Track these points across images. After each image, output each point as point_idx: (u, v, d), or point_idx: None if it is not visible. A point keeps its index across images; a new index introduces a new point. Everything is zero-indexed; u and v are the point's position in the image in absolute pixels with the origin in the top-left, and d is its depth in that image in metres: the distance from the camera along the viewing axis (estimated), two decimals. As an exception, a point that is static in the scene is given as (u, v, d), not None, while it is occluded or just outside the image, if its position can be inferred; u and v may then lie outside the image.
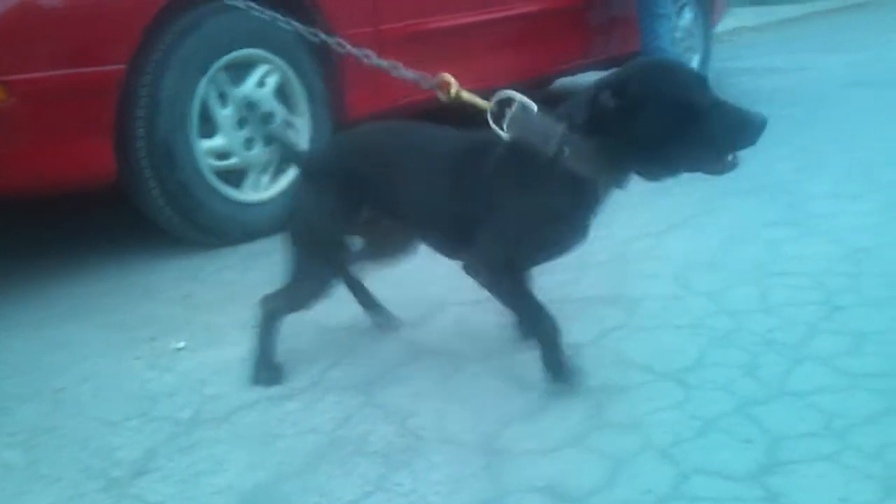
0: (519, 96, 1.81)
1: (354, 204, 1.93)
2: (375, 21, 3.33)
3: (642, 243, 2.76)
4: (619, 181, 1.81)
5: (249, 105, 2.95)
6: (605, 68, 5.02)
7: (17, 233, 3.38)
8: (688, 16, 4.99)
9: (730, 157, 1.73)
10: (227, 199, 2.91)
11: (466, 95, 1.92)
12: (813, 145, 3.96)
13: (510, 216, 1.78)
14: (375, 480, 1.59)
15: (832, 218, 2.91)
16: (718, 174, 1.75)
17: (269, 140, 2.99)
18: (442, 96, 1.94)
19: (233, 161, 2.93)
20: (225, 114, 2.89)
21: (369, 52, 2.17)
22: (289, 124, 3.09)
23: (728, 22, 7.80)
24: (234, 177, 2.98)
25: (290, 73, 3.07)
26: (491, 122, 1.80)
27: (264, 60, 3.00)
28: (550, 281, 2.43)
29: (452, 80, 1.95)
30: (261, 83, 3.00)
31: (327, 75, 3.25)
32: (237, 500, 1.56)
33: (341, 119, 3.33)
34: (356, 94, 3.35)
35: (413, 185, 1.88)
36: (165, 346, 2.23)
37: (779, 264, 2.54)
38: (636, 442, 1.67)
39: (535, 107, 1.78)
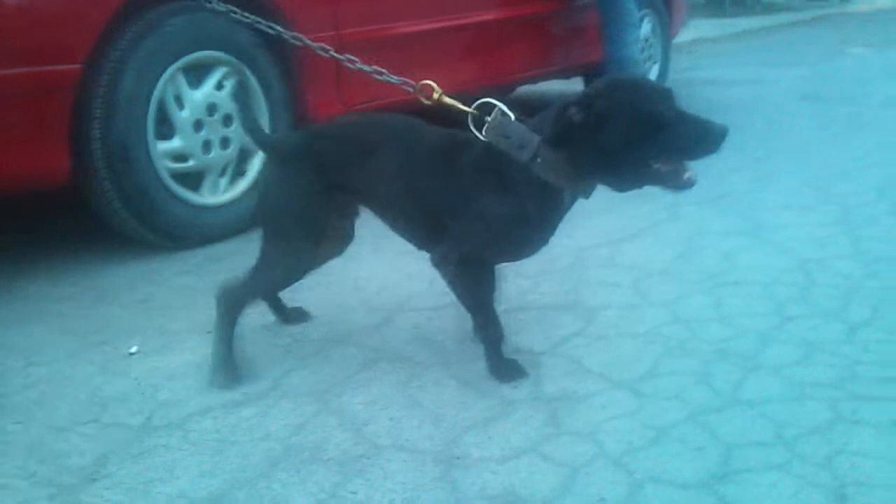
0: (499, 104, 1.90)
1: (328, 188, 1.95)
2: (336, 26, 3.31)
3: (602, 251, 2.78)
4: (585, 191, 1.90)
5: (210, 107, 2.92)
6: (566, 77, 5.08)
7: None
8: (647, 26, 5.04)
9: (688, 175, 1.80)
10: (184, 203, 2.88)
11: (449, 100, 1.98)
12: (767, 157, 4.02)
13: (480, 215, 1.85)
14: (330, 488, 1.58)
15: (784, 229, 2.96)
16: (679, 190, 1.83)
17: (226, 143, 2.97)
18: (425, 101, 2.00)
19: (190, 164, 2.90)
20: (183, 116, 2.86)
21: (327, 46, 2.26)
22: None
23: (687, 33, 7.90)
24: (192, 180, 2.95)
25: (249, 76, 3.05)
26: (471, 125, 1.89)
27: (223, 63, 2.97)
28: (511, 287, 2.45)
29: (435, 85, 2.03)
30: (219, 85, 2.97)
31: (287, 78, 3.23)
32: (189, 508, 1.54)
33: (301, 121, 3.31)
34: (317, 96, 3.33)
35: (389, 174, 1.92)
36: (118, 350, 2.19)
37: (733, 274, 2.57)
38: (591, 450, 1.69)
39: (512, 116, 1.88)
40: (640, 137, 1.75)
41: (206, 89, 2.93)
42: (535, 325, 2.26)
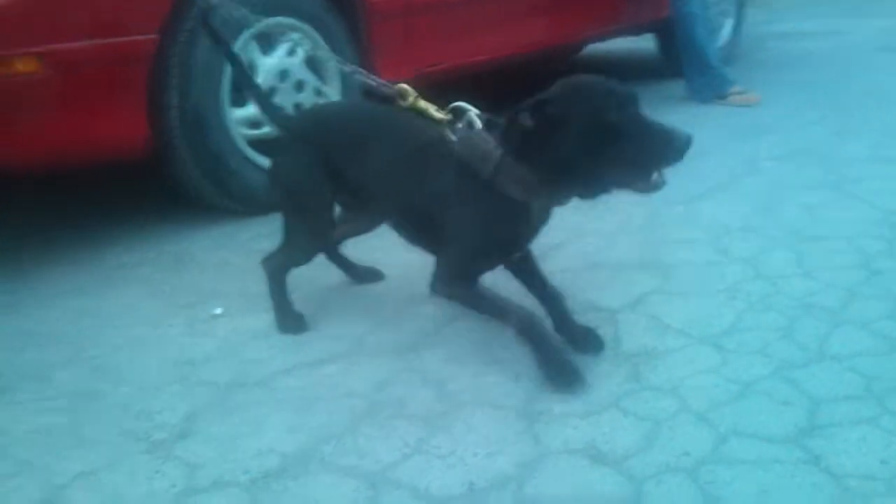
0: (470, 111, 1.83)
1: (328, 165, 2.00)
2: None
3: (678, 209, 2.74)
4: (553, 201, 1.82)
5: (282, 73, 2.95)
6: (636, 34, 4.99)
7: (51, 204, 3.41)
8: (721, -20, 4.90)
9: (655, 177, 1.68)
10: (259, 168, 2.91)
11: (423, 104, 1.92)
12: (847, 109, 3.90)
13: (454, 233, 1.82)
14: (414, 443, 1.60)
15: (868, 181, 2.88)
16: (646, 193, 1.72)
17: (298, 109, 2.99)
18: (401, 103, 1.95)
19: (265, 130, 2.93)
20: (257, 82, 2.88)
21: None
22: (319, 92, 3.08)
23: (762, -15, 7.68)
24: (267, 146, 2.98)
25: (320, 41, 3.06)
26: (448, 132, 1.82)
27: (294, 29, 2.99)
28: (587, 245, 2.44)
29: (409, 88, 1.96)
30: (291, 52, 3.00)
31: (358, 43, 3.24)
32: (278, 461, 1.57)
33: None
34: (385, 61, 3.33)
35: (371, 170, 1.95)
36: (202, 312, 2.25)
37: (815, 229, 2.51)
38: (673, 405, 1.67)
39: (480, 124, 1.80)
40: (594, 146, 1.64)
41: (278, 56, 2.95)
42: (612, 283, 2.24)
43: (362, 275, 2.37)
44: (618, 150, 1.64)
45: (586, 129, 1.64)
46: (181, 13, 2.68)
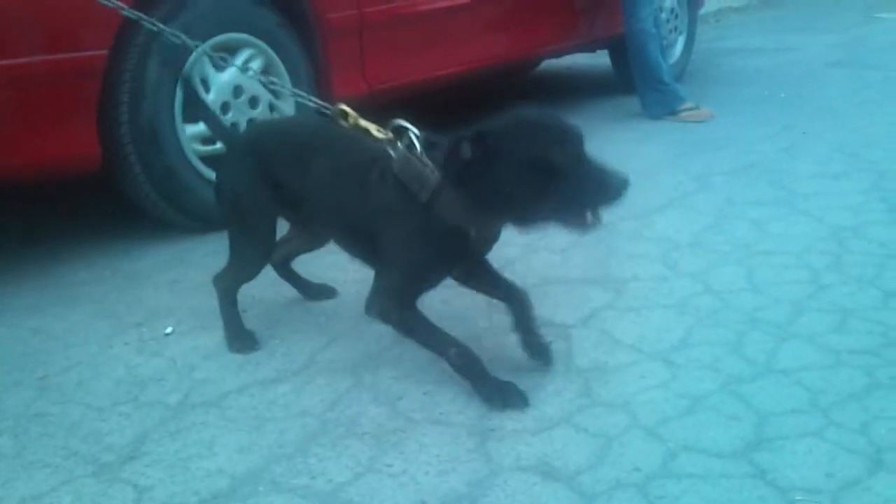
0: (410, 131, 1.82)
1: (273, 185, 2.02)
2: (358, 4, 3.31)
3: (629, 223, 2.77)
4: (489, 228, 1.84)
5: (236, 89, 2.93)
6: (591, 50, 5.04)
7: (3, 221, 3.35)
8: (673, -2, 4.98)
9: (590, 218, 1.69)
10: (213, 184, 2.89)
11: (363, 123, 1.92)
12: (796, 125, 3.97)
13: (390, 254, 1.84)
14: (366, 462, 1.60)
15: (817, 197, 2.93)
16: (580, 232, 1.75)
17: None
18: (343, 123, 1.94)
19: (218, 146, 2.90)
20: (209, 99, 2.87)
21: (183, 36, 2.20)
22: (273, 108, 3.07)
23: (713, 3, 7.81)
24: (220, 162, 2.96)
25: (275, 58, 3.05)
26: (388, 151, 1.81)
27: (248, 44, 2.98)
28: (540, 260, 2.45)
29: (349, 110, 1.95)
30: (244, 67, 2.98)
31: (312, 59, 3.23)
32: (228, 483, 1.56)
33: (327, 102, 3.30)
34: (341, 78, 3.33)
35: (316, 185, 1.96)
36: (153, 331, 2.22)
37: (764, 243, 2.55)
38: (624, 420, 1.69)
39: (419, 146, 1.79)
40: (531, 182, 1.64)
41: (232, 71, 2.94)
42: (564, 299, 2.25)
43: (315, 292, 2.36)
44: (554, 188, 1.64)
45: (524, 165, 1.64)
46: (132, 29, 2.65)
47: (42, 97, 2.51)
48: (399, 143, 1.81)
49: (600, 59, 5.29)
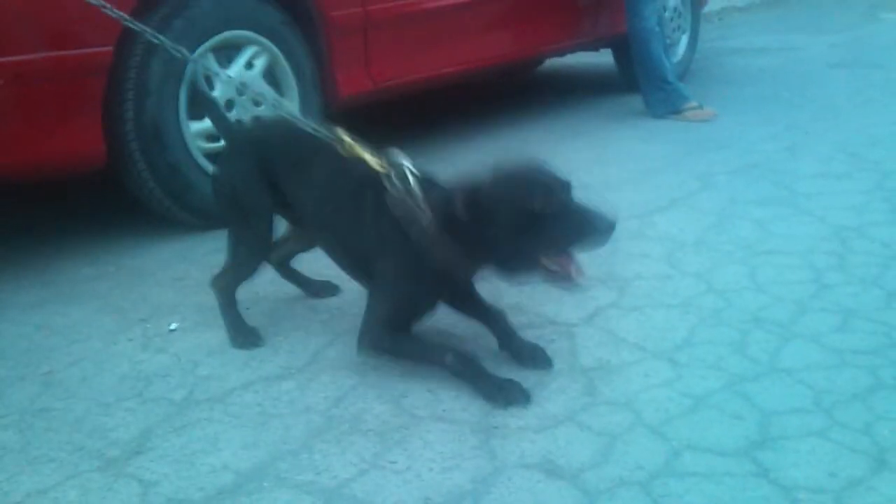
0: (404, 165, 1.86)
1: (270, 183, 2.04)
2: (363, 1, 3.31)
3: (632, 223, 2.77)
4: (474, 271, 1.90)
5: (240, 87, 2.94)
6: (595, 49, 5.04)
7: (6, 217, 3.35)
8: (676, -4, 4.98)
9: (575, 274, 1.77)
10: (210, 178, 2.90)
11: (359, 151, 1.93)
12: (799, 125, 3.97)
13: (378, 288, 1.91)
14: (370, 458, 1.61)
15: (820, 197, 2.94)
16: (567, 288, 1.82)
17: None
18: (339, 149, 1.95)
19: (222, 143, 2.91)
20: (213, 95, 2.87)
21: (183, 49, 2.18)
22: (278, 106, 3.07)
23: (717, 2, 7.80)
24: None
25: (279, 55, 3.06)
26: (385, 182, 1.84)
27: (252, 42, 2.98)
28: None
29: (346, 135, 1.96)
30: (249, 65, 2.99)
31: (316, 56, 3.24)
32: (233, 479, 1.57)
33: (331, 99, 3.32)
34: (345, 75, 3.33)
35: (311, 193, 2.00)
36: (158, 327, 2.23)
37: (767, 243, 2.56)
38: (628, 419, 1.69)
39: (412, 179, 1.82)
40: (519, 231, 1.72)
41: (236, 69, 2.94)
42: (568, 297, 2.24)
43: (318, 289, 2.36)
44: (541, 235, 1.72)
45: (511, 218, 1.71)
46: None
47: (47, 94, 2.51)
48: (394, 177, 1.84)
49: (603, 58, 5.29)
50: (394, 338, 1.87)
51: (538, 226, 1.70)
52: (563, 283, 1.79)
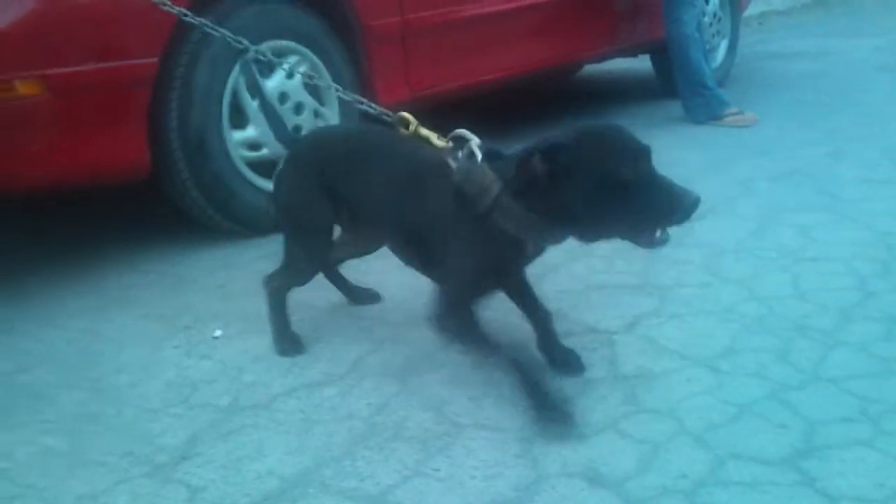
0: (472, 140, 1.81)
1: (331, 193, 2.02)
2: (402, 10, 3.34)
3: (672, 230, 2.74)
4: (550, 240, 1.80)
5: (282, 96, 2.98)
6: (633, 55, 5.03)
7: (51, 227, 3.43)
8: (715, 1, 4.95)
9: (659, 234, 1.68)
10: (259, 190, 2.93)
11: (424, 132, 1.93)
12: (841, 130, 3.93)
13: (448, 265, 1.83)
14: (413, 465, 1.62)
15: (863, 203, 2.90)
16: (647, 248, 1.72)
17: (297, 131, 3.02)
18: (403, 131, 1.95)
19: (264, 152, 2.95)
20: (255, 105, 2.91)
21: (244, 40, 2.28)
22: (318, 114, 3.11)
23: (756, 6, 7.73)
24: (266, 168, 3.00)
25: (319, 65, 3.09)
26: (448, 160, 1.81)
27: (293, 51, 3.02)
28: (583, 266, 2.45)
29: (411, 117, 1.96)
30: (290, 75, 3.02)
31: (356, 65, 3.27)
32: (278, 484, 1.59)
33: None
34: (384, 82, 3.36)
35: (374, 193, 1.97)
36: (202, 334, 2.26)
37: (810, 250, 2.53)
38: (671, 427, 1.69)
39: (479, 155, 1.77)
40: (602, 198, 1.62)
41: (278, 78, 2.98)
42: (608, 305, 2.25)
43: (360, 296, 2.38)
44: (624, 206, 1.63)
45: (596, 182, 1.62)
46: (182, 37, 2.70)
47: (94, 105, 2.57)
48: (459, 153, 1.81)
49: (641, 63, 5.27)
50: (461, 318, 1.82)
51: (622, 195, 1.61)
52: (643, 244, 1.71)
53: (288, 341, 2.13)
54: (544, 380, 1.79)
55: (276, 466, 1.64)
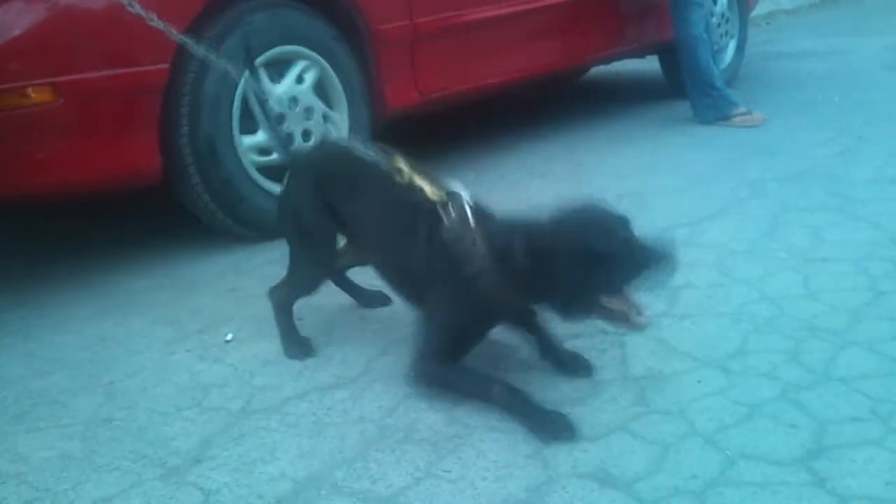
0: (462, 197, 1.85)
1: (331, 205, 2.05)
2: (410, 14, 3.35)
3: (683, 231, 2.76)
4: (529, 307, 1.90)
5: (291, 101, 2.99)
6: (640, 56, 5.03)
7: (63, 232, 3.45)
8: (723, 2, 4.94)
9: (638, 317, 1.74)
10: (269, 194, 2.95)
11: (418, 181, 1.92)
12: (851, 130, 3.91)
13: (429, 317, 1.90)
14: (425, 467, 1.63)
15: (874, 203, 2.89)
16: (626, 328, 1.80)
17: (307, 135, 3.03)
18: (398, 178, 1.95)
19: (274, 157, 2.96)
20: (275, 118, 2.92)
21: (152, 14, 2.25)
22: (327, 118, 3.13)
23: (764, 5, 7.71)
24: (276, 172, 3.02)
25: (328, 69, 3.11)
26: (441, 213, 1.84)
27: (303, 57, 3.04)
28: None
29: (404, 164, 1.96)
30: (299, 79, 3.04)
31: (365, 70, 3.28)
32: (291, 487, 1.60)
33: (379, 113, 3.36)
34: (393, 88, 3.38)
35: (367, 217, 2.02)
36: (213, 338, 2.28)
37: (821, 250, 2.53)
38: (681, 428, 1.69)
39: (470, 215, 1.81)
40: (580, 273, 1.68)
41: (287, 83, 3.00)
42: (619, 306, 2.25)
43: (370, 299, 2.39)
44: (604, 276, 1.69)
45: (572, 263, 1.68)
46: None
47: (106, 111, 2.60)
48: (451, 209, 1.83)
49: (649, 64, 5.27)
50: (443, 370, 1.87)
51: (598, 266, 1.67)
52: (622, 325, 1.78)
53: (297, 345, 2.15)
54: (533, 398, 1.79)
55: (288, 469, 1.65)
